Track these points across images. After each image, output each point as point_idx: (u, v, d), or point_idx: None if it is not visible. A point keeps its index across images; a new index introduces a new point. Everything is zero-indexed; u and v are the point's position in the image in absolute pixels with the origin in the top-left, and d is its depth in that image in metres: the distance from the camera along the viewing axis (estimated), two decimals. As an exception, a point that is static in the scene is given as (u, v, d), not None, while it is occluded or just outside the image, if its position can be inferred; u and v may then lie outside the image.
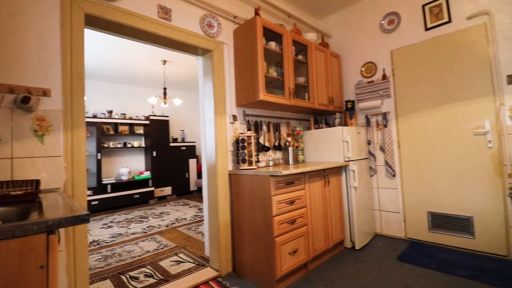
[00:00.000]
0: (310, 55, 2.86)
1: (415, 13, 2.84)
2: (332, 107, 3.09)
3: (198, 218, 4.21)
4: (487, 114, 2.38)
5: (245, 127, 2.57)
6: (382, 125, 3.04)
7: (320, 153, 2.88)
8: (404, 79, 2.91)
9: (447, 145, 2.61)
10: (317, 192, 2.38)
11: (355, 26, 3.34)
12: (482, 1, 2.42)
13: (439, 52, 2.66)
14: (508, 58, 2.28)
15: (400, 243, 2.76)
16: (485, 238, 2.39)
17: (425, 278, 2.03)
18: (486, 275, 2.01)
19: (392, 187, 2.97)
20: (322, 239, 2.38)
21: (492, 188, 2.36)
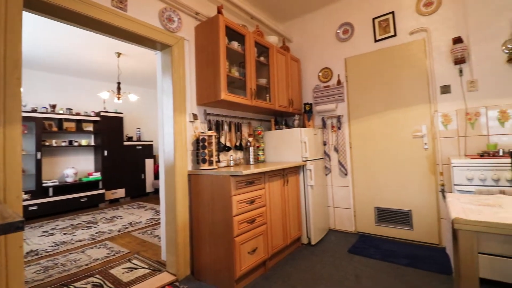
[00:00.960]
0: (271, 58, 2.92)
1: (366, 25, 3.09)
2: (291, 109, 3.20)
3: (154, 221, 4.01)
4: (424, 120, 2.70)
5: (206, 126, 2.53)
6: (336, 127, 3.25)
7: (280, 153, 2.97)
8: (356, 86, 3.14)
9: (391, 147, 2.89)
10: (276, 191, 2.44)
11: (314, 32, 3.51)
12: (422, 19, 2.74)
13: (386, 62, 2.94)
14: (441, 71, 2.62)
15: (351, 237, 2.98)
16: (421, 229, 2.71)
17: (371, 268, 2.22)
18: (422, 262, 2.27)
19: (344, 185, 3.20)
20: (281, 237, 2.45)
21: (427, 185, 2.68)
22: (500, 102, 2.32)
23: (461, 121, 2.49)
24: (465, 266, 0.99)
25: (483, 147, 2.36)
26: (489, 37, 2.37)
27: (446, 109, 2.58)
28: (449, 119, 2.56)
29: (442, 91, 2.60)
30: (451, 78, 2.56)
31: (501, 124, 2.31)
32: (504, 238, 0.95)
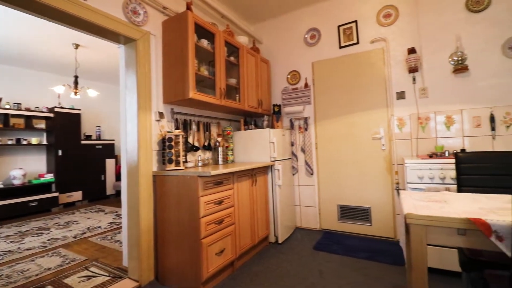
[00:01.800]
0: (241, 58, 2.93)
1: (332, 32, 3.24)
2: (261, 109, 3.24)
3: (115, 225, 3.78)
4: (382, 123, 2.91)
5: (173, 125, 2.45)
6: (303, 128, 3.36)
7: (249, 153, 2.98)
8: (322, 89, 3.28)
9: (353, 147, 3.07)
10: (245, 191, 2.45)
11: (284, 35, 3.59)
12: (381, 29, 2.94)
13: (349, 68, 3.11)
14: (398, 78, 2.84)
15: (316, 234, 3.10)
16: (379, 225, 2.91)
17: (334, 263, 2.33)
18: (379, 255, 2.44)
19: (310, 184, 3.32)
20: (249, 236, 2.46)
21: (384, 183, 2.89)
22: (446, 108, 2.59)
23: (414, 125, 2.73)
24: (416, 257, 1.09)
25: (432, 148, 2.61)
26: (438, 49, 2.63)
27: (401, 114, 2.81)
28: (403, 122, 2.80)
29: (398, 97, 2.83)
30: (406, 85, 2.79)
31: (447, 128, 2.58)
32: (448, 231, 1.05)
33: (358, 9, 3.07)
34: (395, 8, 2.86)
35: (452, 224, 1.01)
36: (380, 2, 2.95)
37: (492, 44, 2.42)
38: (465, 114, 2.50)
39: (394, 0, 2.87)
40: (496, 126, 2.38)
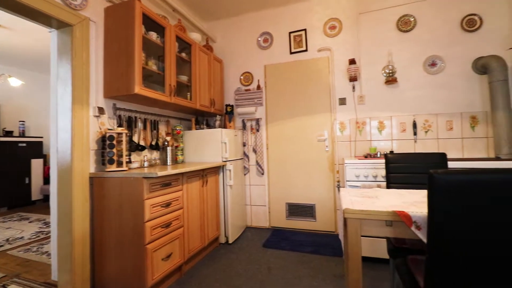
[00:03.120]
0: (194, 55, 2.84)
1: (284, 38, 3.37)
2: (213, 109, 3.19)
3: (43, 235, 3.30)
4: (326, 126, 3.14)
5: (115, 122, 2.25)
6: (255, 129, 3.42)
7: (200, 153, 2.92)
8: (273, 91, 3.39)
9: (300, 148, 3.25)
10: (195, 192, 2.38)
11: (238, 36, 3.61)
12: (327, 39, 3.18)
13: (299, 73, 3.28)
14: (340, 85, 3.10)
15: (265, 232, 3.18)
16: (322, 220, 3.13)
17: (282, 259, 2.43)
18: (322, 248, 2.63)
19: (261, 184, 3.40)
20: (198, 238, 2.41)
21: (327, 181, 3.13)
22: (379, 114, 2.93)
23: (353, 128, 3.02)
24: (352, 248, 1.20)
25: (367, 150, 2.92)
26: (373, 62, 2.96)
27: (342, 118, 3.08)
28: (344, 126, 3.07)
29: (340, 102, 3.09)
30: (347, 92, 3.07)
31: (380, 132, 2.91)
32: (378, 223, 1.19)
33: (307, 18, 3.26)
34: (339, 21, 3.12)
35: (381, 216, 1.14)
36: (326, 14, 3.18)
37: (415, 61, 2.82)
38: (394, 120, 2.86)
39: (338, 14, 3.13)
40: (417, 131, 2.78)
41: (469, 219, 0.81)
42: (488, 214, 0.79)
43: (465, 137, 2.64)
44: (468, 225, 0.81)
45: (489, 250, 0.81)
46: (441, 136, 2.71)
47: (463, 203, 0.80)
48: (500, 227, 0.79)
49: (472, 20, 2.64)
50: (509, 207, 0.77)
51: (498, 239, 0.80)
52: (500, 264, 0.81)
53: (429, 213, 0.86)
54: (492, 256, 0.81)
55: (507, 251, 0.79)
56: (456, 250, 0.84)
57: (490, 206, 0.79)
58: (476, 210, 0.80)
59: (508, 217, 0.78)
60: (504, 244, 0.79)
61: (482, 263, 0.82)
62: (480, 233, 0.81)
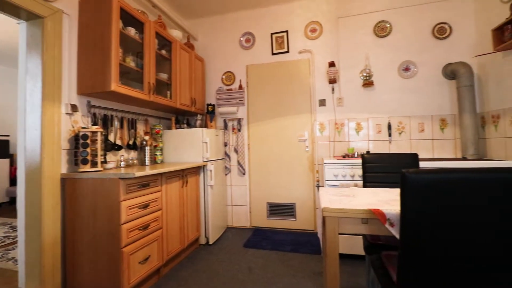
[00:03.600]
0: (174, 53, 2.78)
1: (266, 38, 3.39)
2: (194, 108, 3.15)
3: (8, 240, 3.08)
4: (306, 126, 3.20)
5: (90, 120, 2.15)
6: (237, 129, 3.41)
7: (180, 153, 2.86)
8: (255, 92, 3.40)
9: (282, 148, 3.28)
10: (174, 193, 2.34)
11: (220, 35, 3.58)
12: (308, 42, 3.24)
13: (281, 74, 3.32)
14: (320, 87, 3.17)
15: (246, 232, 3.18)
16: (302, 219, 3.19)
17: (263, 259, 2.44)
18: (302, 247, 2.67)
19: (242, 184, 3.40)
20: (178, 240, 2.36)
21: (307, 181, 3.19)
22: (357, 116, 3.03)
23: (332, 129, 3.10)
24: (330, 245, 1.23)
25: (345, 150, 3.01)
26: (352, 65, 3.05)
27: (322, 119, 3.15)
28: (324, 127, 3.14)
29: (320, 104, 3.16)
30: (326, 94, 3.14)
31: (357, 133, 3.01)
32: (355, 220, 1.23)
33: (289, 20, 3.31)
34: (320, 24, 3.19)
35: (358, 214, 1.18)
36: (307, 17, 3.24)
37: (391, 65, 2.94)
38: (370, 122, 2.97)
39: (319, 17, 3.20)
40: (392, 133, 2.91)
41: (437, 216, 0.86)
42: (454, 211, 0.84)
43: (435, 138, 2.80)
44: (437, 222, 0.86)
45: (456, 246, 0.86)
46: (414, 137, 2.85)
47: (432, 200, 0.85)
48: (466, 224, 0.84)
49: (443, 28, 2.80)
50: (474, 205, 0.83)
51: (464, 235, 0.85)
52: (465, 259, 0.87)
53: (401, 211, 0.91)
54: (458, 251, 0.87)
55: (473, 247, 0.85)
56: (425, 246, 0.89)
57: (456, 203, 0.84)
58: (444, 208, 0.85)
59: (473, 214, 0.83)
60: (469, 240, 0.85)
61: (449, 257, 0.88)
62: (448, 229, 0.86)
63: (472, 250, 0.85)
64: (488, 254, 0.84)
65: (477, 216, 0.83)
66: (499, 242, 0.83)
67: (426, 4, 2.85)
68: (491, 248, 0.84)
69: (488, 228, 0.83)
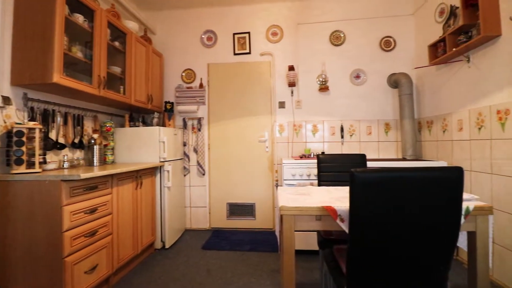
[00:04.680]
0: (129, 45, 2.61)
1: (228, 38, 3.38)
2: (150, 105, 2.99)
3: None
4: (267, 127, 3.27)
5: (26, 115, 1.90)
6: (197, 128, 3.33)
7: (135, 153, 2.69)
8: (217, 91, 3.36)
9: (242, 149, 3.30)
10: (127, 196, 2.19)
11: (180, 31, 3.45)
12: (269, 45, 3.31)
13: (242, 75, 3.33)
14: (280, 90, 3.27)
15: (205, 234, 3.13)
16: (262, 218, 3.24)
17: (221, 260, 2.43)
18: (261, 245, 2.72)
19: (202, 185, 3.33)
20: (130, 246, 2.22)
21: (267, 180, 3.26)
22: (313, 118, 3.19)
23: (291, 131, 3.22)
24: (286, 242, 1.27)
25: (302, 151, 3.15)
26: (309, 70, 3.21)
27: (281, 120, 3.25)
28: (283, 128, 3.24)
29: (280, 106, 3.26)
30: (286, 96, 3.25)
31: (313, 135, 3.18)
32: (310, 218, 1.29)
33: (251, 22, 3.34)
34: (281, 28, 3.29)
35: (312, 212, 1.25)
36: (269, 20, 3.31)
37: (344, 72, 3.16)
38: (326, 124, 3.16)
39: (280, 22, 3.29)
40: (344, 135, 3.13)
41: (380, 211, 0.95)
42: (394, 206, 0.94)
43: (380, 140, 3.09)
44: (379, 216, 0.95)
45: (398, 240, 0.96)
46: (363, 139, 3.11)
47: (375, 197, 0.94)
48: (403, 217, 0.95)
49: (389, 42, 3.11)
50: (414, 201, 0.93)
51: (402, 227, 0.95)
52: (403, 249, 0.97)
53: (350, 207, 0.98)
54: (400, 245, 0.97)
55: (412, 241, 0.96)
56: (371, 240, 0.98)
57: (396, 199, 0.94)
58: (385, 203, 0.94)
59: (409, 208, 0.94)
60: (406, 231, 0.96)
61: (392, 250, 0.98)
62: (388, 222, 0.95)
63: (409, 241, 0.96)
64: (423, 243, 0.96)
65: (413, 210, 0.94)
66: (431, 231, 0.95)
67: (375, 18, 3.13)
68: (425, 237, 0.95)
69: (422, 219, 0.94)
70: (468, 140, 2.20)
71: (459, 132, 2.31)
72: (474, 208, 1.15)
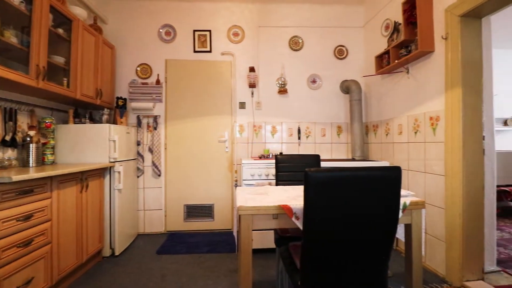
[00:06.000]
0: (75, 34, 2.37)
1: (188, 34, 3.27)
2: (100, 101, 2.75)
3: None
4: (227, 127, 3.26)
5: None
6: (152, 127, 3.17)
7: (80, 153, 2.44)
8: (175, 88, 3.24)
9: (202, 149, 3.24)
10: (70, 200, 1.98)
11: (135, 23, 3.24)
12: (231, 45, 3.30)
13: (203, 74, 3.27)
14: (241, 90, 3.28)
15: (160, 238, 2.98)
16: (221, 219, 3.21)
17: (177, 264, 2.34)
18: (219, 247, 2.69)
19: (157, 186, 3.17)
20: (73, 255, 2.01)
21: (226, 181, 3.24)
22: (272, 120, 3.27)
23: (250, 131, 3.25)
24: (244, 242, 1.28)
25: (262, 151, 3.21)
26: (270, 72, 3.28)
27: (242, 121, 3.26)
28: (243, 128, 3.26)
29: (240, 106, 3.27)
30: (246, 97, 3.28)
31: (272, 136, 3.26)
32: (267, 217, 1.32)
33: (213, 20, 3.29)
34: (242, 29, 3.30)
35: (269, 211, 1.28)
36: (231, 20, 3.30)
37: (302, 76, 3.31)
38: (284, 126, 3.27)
39: (242, 23, 3.31)
40: (301, 136, 3.27)
41: (332, 208, 1.01)
42: (343, 203, 1.01)
43: (333, 142, 3.31)
44: (331, 213, 1.02)
45: (346, 233, 1.04)
46: (318, 140, 3.29)
47: (327, 194, 1.00)
48: (354, 214, 1.02)
49: (342, 50, 3.34)
50: (360, 197, 1.01)
51: (352, 223, 1.03)
52: (353, 245, 1.05)
53: (304, 205, 1.03)
54: (348, 238, 1.04)
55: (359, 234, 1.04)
56: (322, 234, 1.04)
57: (344, 196, 1.01)
58: (335, 200, 1.01)
59: (359, 205, 1.02)
60: (356, 228, 1.04)
61: (340, 243, 1.05)
62: (339, 219, 1.02)
63: (356, 234, 1.04)
64: (367, 236, 1.05)
65: (359, 206, 1.02)
66: (374, 225, 1.04)
67: (330, 27, 3.34)
68: (370, 231, 1.04)
69: (367, 214, 1.03)
70: (407, 142, 2.48)
71: (399, 136, 2.59)
72: (410, 203, 1.30)
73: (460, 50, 1.91)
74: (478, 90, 1.94)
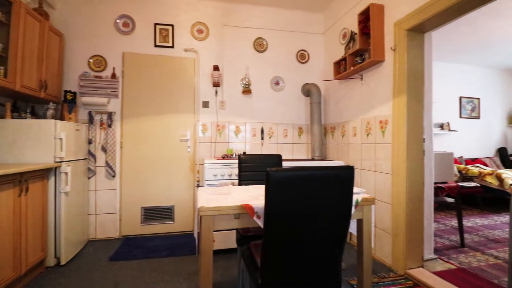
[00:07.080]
0: (15, 17, 2.09)
1: (148, 27, 3.11)
2: (44, 94, 2.47)
3: None
4: (189, 126, 3.16)
5: None
6: (106, 124, 2.94)
7: (19, 151, 2.16)
8: (133, 84, 3.05)
9: (162, 148, 3.10)
10: (5, 205, 1.74)
11: (88, 9, 2.97)
12: (194, 41, 3.21)
13: (164, 69, 3.13)
14: (204, 89, 3.21)
15: (114, 243, 2.78)
16: (181, 221, 3.11)
17: (133, 270, 2.20)
18: (179, 249, 2.60)
19: (111, 188, 2.95)
20: (10, 267, 1.77)
21: (187, 181, 3.15)
22: (236, 119, 3.27)
23: (214, 131, 3.21)
24: (204, 243, 1.26)
25: (225, 151, 3.18)
26: (234, 72, 3.28)
27: (205, 120, 3.20)
28: (206, 128, 3.20)
29: (203, 105, 3.21)
30: (210, 96, 3.22)
31: (236, 135, 3.25)
32: (228, 217, 1.31)
33: (176, 15, 3.17)
34: (206, 27, 3.24)
35: (231, 211, 1.27)
36: (195, 16, 3.22)
37: (265, 78, 3.36)
38: (248, 126, 3.29)
39: (206, 20, 3.24)
40: (264, 136, 3.32)
41: (291, 205, 1.04)
42: (301, 201, 1.05)
43: (294, 142, 3.43)
44: (290, 210, 1.05)
45: (304, 229, 1.08)
46: (280, 141, 3.38)
47: (287, 193, 1.03)
48: (311, 211, 1.07)
49: (304, 54, 3.47)
50: (318, 195, 1.06)
51: (310, 219, 1.08)
52: (310, 240, 1.10)
53: (265, 203, 1.04)
54: (306, 234, 1.09)
55: (315, 229, 1.09)
56: (282, 231, 1.07)
57: (305, 194, 1.05)
58: (295, 198, 1.04)
59: (317, 203, 1.06)
60: (313, 224, 1.08)
61: (298, 239, 1.09)
62: (298, 215, 1.06)
63: (313, 230, 1.09)
64: (323, 231, 1.10)
65: (317, 203, 1.07)
66: (329, 221, 1.10)
67: (293, 32, 3.45)
68: (325, 226, 1.10)
69: (323, 210, 1.08)
70: (360, 143, 2.67)
71: (354, 137, 2.78)
72: (362, 199, 1.40)
73: (406, 61, 2.12)
74: (420, 98, 2.17)
